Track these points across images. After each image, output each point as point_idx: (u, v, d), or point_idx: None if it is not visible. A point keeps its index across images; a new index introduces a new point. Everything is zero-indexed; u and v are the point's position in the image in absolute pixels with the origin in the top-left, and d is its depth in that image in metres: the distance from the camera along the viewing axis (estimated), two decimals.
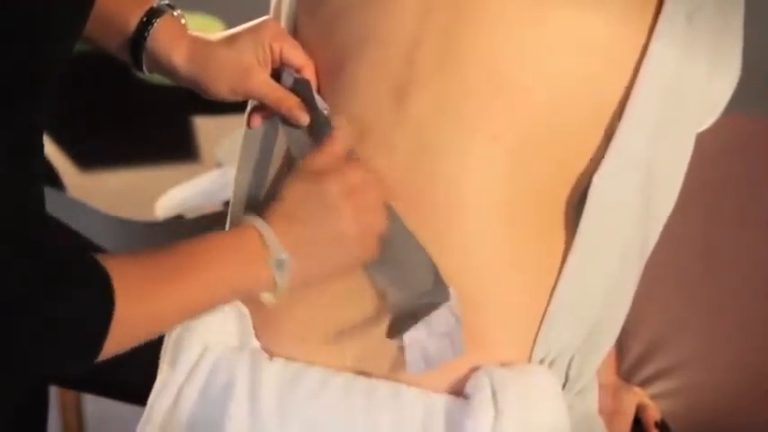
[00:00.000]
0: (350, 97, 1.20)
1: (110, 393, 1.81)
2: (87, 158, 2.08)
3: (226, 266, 1.11)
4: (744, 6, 1.23)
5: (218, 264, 1.11)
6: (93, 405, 2.29)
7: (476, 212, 1.17)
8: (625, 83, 1.18)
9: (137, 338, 1.08)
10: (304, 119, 1.22)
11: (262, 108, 1.26)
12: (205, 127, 2.25)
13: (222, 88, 1.24)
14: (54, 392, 2.21)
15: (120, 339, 1.05)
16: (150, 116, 2.30)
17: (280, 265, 1.11)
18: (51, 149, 2.08)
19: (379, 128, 1.19)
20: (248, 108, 1.29)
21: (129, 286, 1.05)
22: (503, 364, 1.17)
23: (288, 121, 1.23)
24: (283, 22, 1.29)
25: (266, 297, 1.14)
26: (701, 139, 1.24)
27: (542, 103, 1.18)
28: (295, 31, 1.28)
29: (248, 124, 1.27)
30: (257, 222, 1.12)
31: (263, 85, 1.23)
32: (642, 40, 1.18)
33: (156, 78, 1.32)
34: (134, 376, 1.30)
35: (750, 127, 1.71)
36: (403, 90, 1.19)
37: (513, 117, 1.17)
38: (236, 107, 1.31)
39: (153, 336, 1.11)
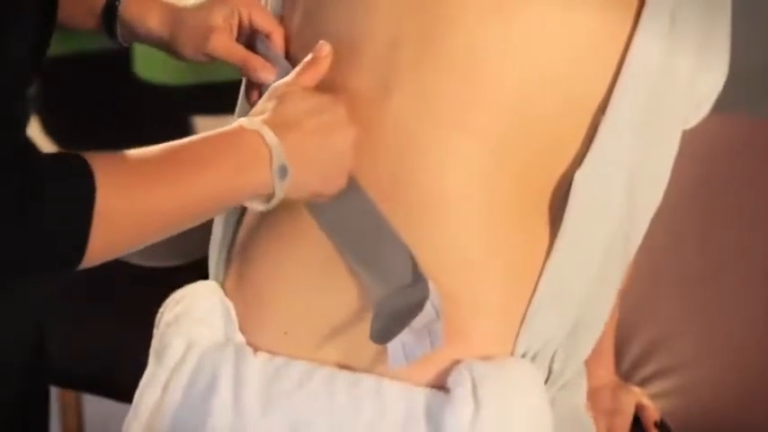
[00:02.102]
0: (333, 95, 1.20)
1: (110, 394, 1.81)
2: None
3: (225, 166, 1.09)
4: (731, 6, 1.23)
5: (216, 163, 1.09)
6: (93, 405, 2.29)
7: (455, 207, 1.18)
8: (608, 78, 1.18)
9: (126, 237, 1.06)
10: (267, 76, 1.22)
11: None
12: (205, 127, 2.25)
13: (188, 49, 1.26)
14: (54, 393, 2.21)
15: (106, 235, 1.03)
16: (150, 116, 2.30)
17: (281, 171, 1.10)
18: (51, 150, 2.09)
19: (363, 125, 1.19)
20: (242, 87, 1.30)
21: (115, 180, 1.03)
22: (485, 358, 1.17)
23: (253, 83, 1.25)
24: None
25: (256, 205, 1.12)
26: (702, 139, 1.24)
27: (520, 98, 1.18)
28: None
29: (247, 100, 1.27)
30: (259, 126, 1.11)
31: (222, 44, 1.24)
32: (625, 36, 1.18)
33: (157, 78, 1.33)
34: (134, 377, 1.30)
35: (750, 127, 1.71)
36: (383, 89, 1.19)
37: (491, 113, 1.18)
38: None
39: (147, 237, 1.08)
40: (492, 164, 1.18)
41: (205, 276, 1.31)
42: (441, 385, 1.17)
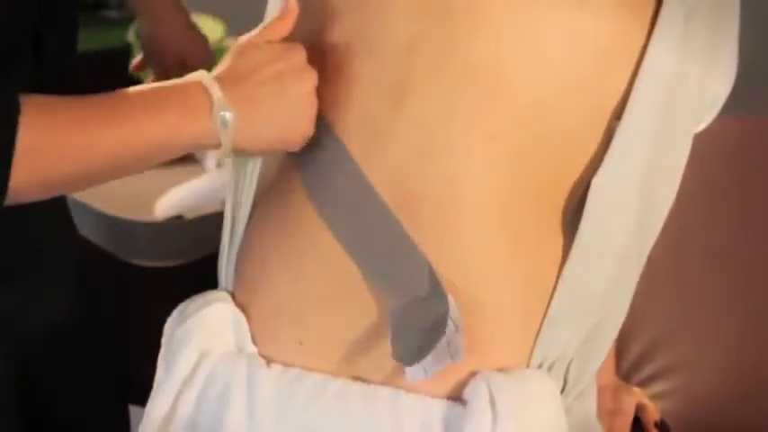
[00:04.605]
0: (347, 99, 1.20)
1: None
2: None
3: (161, 113, 1.12)
4: (739, 7, 1.23)
5: (153, 109, 1.12)
6: None
7: (471, 215, 1.17)
8: (624, 83, 1.18)
9: (55, 174, 1.09)
10: None
11: None
12: None
13: None
14: None
15: (30, 169, 1.06)
16: None
17: (224, 122, 1.12)
18: None
19: (378, 131, 1.19)
20: None
21: (43, 117, 1.06)
22: (501, 369, 1.16)
23: None
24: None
25: (208, 157, 1.16)
26: (701, 139, 1.24)
27: (538, 104, 1.17)
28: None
29: None
30: (202, 77, 1.14)
31: None
32: (641, 41, 1.18)
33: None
34: (133, 376, 1.30)
35: (750, 127, 1.71)
36: (400, 93, 1.19)
37: (509, 118, 1.17)
38: None
39: (80, 177, 1.10)
40: (508, 171, 1.17)
41: (204, 276, 1.31)
42: (457, 397, 1.16)
